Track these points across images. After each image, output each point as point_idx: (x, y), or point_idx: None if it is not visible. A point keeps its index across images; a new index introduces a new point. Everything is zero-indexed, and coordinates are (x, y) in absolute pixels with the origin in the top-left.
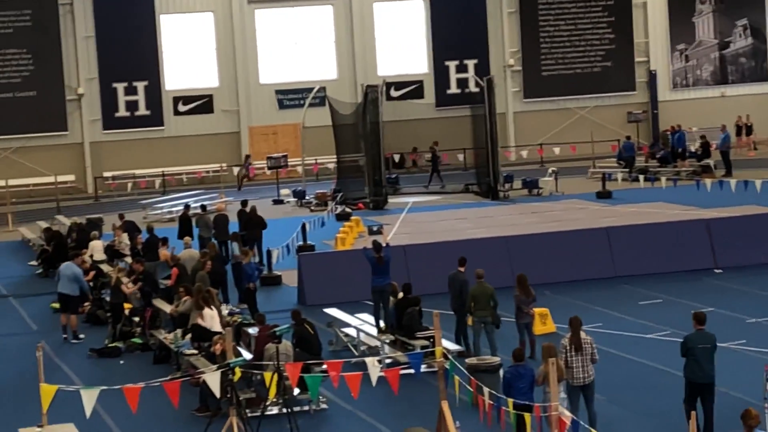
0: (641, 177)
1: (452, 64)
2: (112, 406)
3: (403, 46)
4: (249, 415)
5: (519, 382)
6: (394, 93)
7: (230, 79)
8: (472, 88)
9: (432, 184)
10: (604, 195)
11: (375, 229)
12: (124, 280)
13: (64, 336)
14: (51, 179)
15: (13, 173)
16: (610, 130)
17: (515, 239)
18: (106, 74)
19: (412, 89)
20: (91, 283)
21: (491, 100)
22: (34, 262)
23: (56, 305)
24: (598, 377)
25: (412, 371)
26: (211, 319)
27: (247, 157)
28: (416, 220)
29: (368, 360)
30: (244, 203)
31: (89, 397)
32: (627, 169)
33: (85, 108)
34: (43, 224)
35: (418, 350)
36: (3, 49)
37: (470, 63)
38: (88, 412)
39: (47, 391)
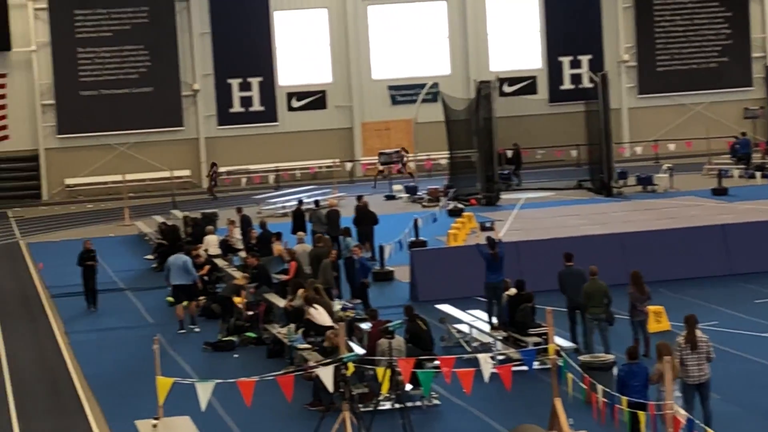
0: (758, 174)
1: (566, 60)
2: (226, 400)
3: (517, 42)
4: (361, 409)
5: (633, 380)
6: (506, 89)
7: (343, 75)
8: (586, 83)
9: (515, 181)
10: (720, 192)
11: (487, 225)
12: (245, 283)
13: (181, 330)
14: (167, 174)
15: (130, 168)
16: (726, 127)
17: (629, 236)
18: (221, 70)
19: (525, 85)
20: (206, 277)
21: (605, 96)
22: (150, 256)
23: (171, 299)
24: (713, 376)
25: (524, 368)
26: (319, 315)
27: (213, 165)
28: (529, 216)
29: (481, 356)
30: (360, 198)
31: (204, 390)
32: (743, 166)
33: (201, 104)
34: (159, 219)
35: (531, 347)
36: (121, 45)
37: (584, 59)
38: (203, 405)
39: (163, 383)
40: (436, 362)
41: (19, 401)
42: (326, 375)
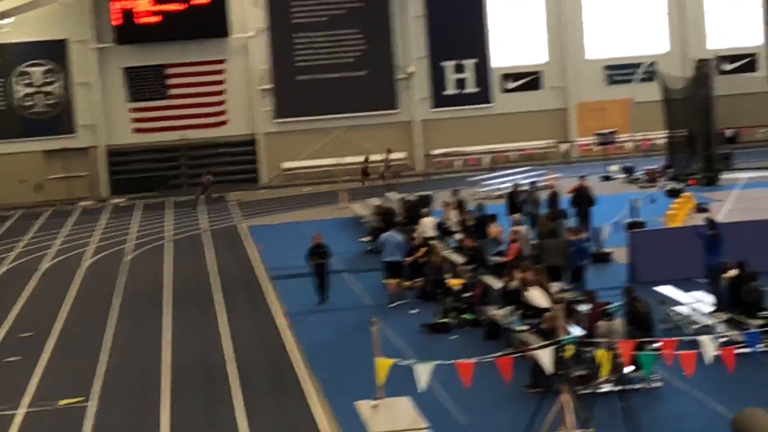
0: None
1: None
2: (445, 381)
3: (736, 18)
4: (581, 392)
5: None
6: (726, 67)
7: (558, 56)
8: None
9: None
10: None
11: (703, 207)
12: (454, 257)
13: (391, 304)
14: (382, 157)
15: (346, 151)
16: None
17: None
18: (435, 53)
19: (745, 63)
20: (422, 260)
21: None
22: (365, 239)
23: (387, 281)
24: None
25: (748, 350)
26: (536, 297)
27: (207, 173)
28: (751, 196)
29: (702, 338)
30: (582, 178)
31: (423, 372)
32: None
33: (415, 87)
34: (375, 201)
35: (755, 329)
36: (336, 29)
37: None
38: (422, 386)
39: (383, 365)
40: (657, 344)
41: (243, 380)
42: (545, 357)
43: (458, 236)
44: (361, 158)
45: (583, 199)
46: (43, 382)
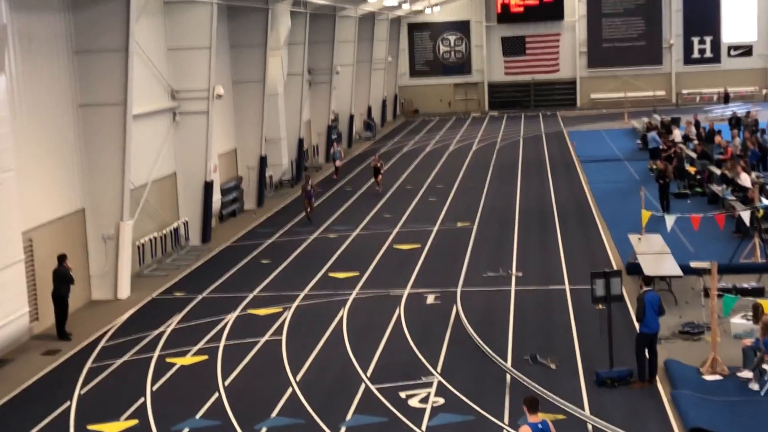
0: None
1: None
2: (682, 227)
3: None
4: (766, 237)
5: None
6: None
7: None
8: None
9: None
10: None
11: None
12: (692, 154)
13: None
14: (650, 93)
15: (630, 89)
16: None
17: None
18: None
19: None
20: (671, 154)
21: None
22: (638, 141)
23: (650, 165)
24: None
25: None
26: (743, 179)
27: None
28: None
29: None
30: None
31: (669, 220)
32: None
33: (673, 51)
34: (645, 119)
35: None
36: (626, 17)
37: None
38: (668, 228)
39: (645, 214)
40: None
41: (560, 218)
42: (745, 215)
43: (696, 142)
44: (638, 93)
45: None
46: (447, 213)
